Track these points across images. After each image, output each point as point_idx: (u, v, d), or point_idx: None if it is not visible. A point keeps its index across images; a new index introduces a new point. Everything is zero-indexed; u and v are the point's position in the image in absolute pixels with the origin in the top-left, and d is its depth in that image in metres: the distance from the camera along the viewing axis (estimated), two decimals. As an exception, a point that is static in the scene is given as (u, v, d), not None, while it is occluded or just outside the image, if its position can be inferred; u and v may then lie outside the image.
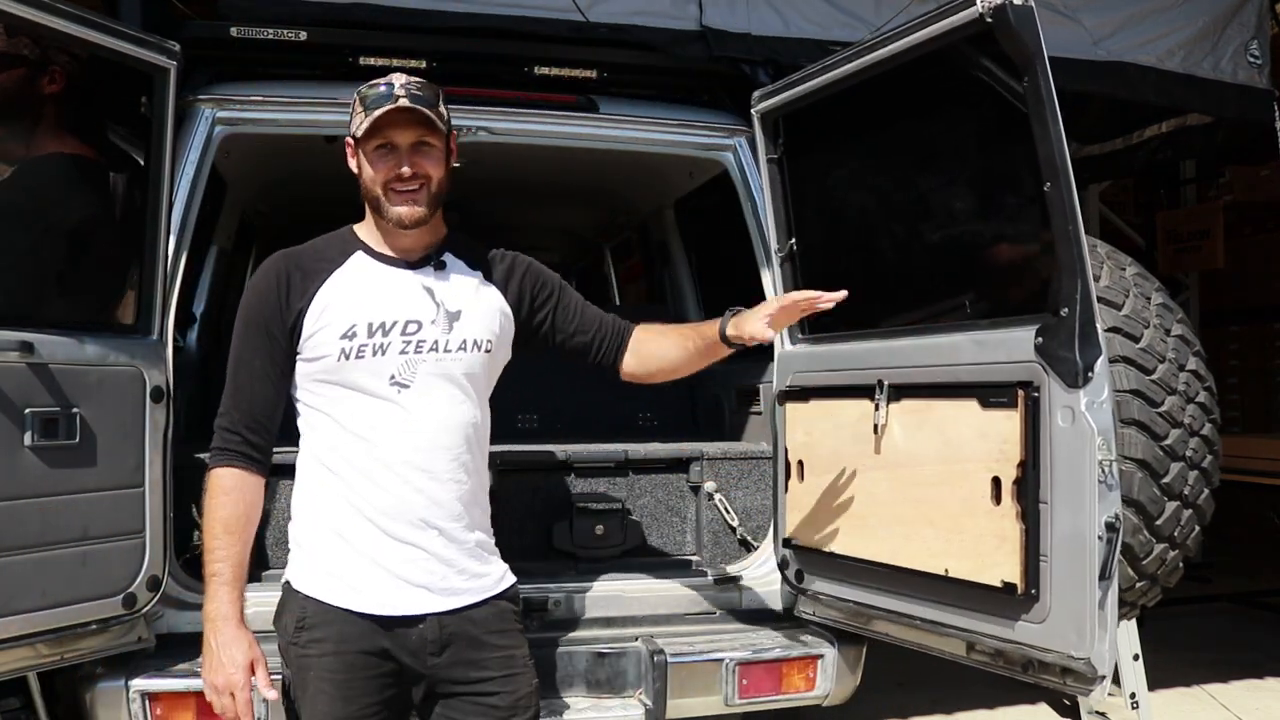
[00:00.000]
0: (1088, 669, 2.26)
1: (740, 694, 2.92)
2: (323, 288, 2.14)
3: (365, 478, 2.10)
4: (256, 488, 2.15)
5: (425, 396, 2.12)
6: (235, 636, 2.06)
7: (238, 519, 2.10)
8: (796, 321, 2.56)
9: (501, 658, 2.17)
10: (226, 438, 2.13)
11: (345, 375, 2.10)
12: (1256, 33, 4.62)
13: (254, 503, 2.15)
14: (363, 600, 2.08)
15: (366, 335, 2.10)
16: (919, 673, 4.90)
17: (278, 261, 2.19)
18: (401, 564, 2.09)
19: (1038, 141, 2.30)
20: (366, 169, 2.14)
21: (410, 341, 2.12)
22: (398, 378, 2.11)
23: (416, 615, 2.10)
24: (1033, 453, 2.34)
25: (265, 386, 2.14)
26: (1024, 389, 2.36)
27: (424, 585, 2.11)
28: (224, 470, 2.12)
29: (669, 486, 3.45)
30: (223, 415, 2.15)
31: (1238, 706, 4.76)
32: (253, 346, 2.14)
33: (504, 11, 3.58)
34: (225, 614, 2.06)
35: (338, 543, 2.11)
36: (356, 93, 2.15)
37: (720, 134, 3.51)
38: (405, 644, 2.10)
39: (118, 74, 2.62)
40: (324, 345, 2.10)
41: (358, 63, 3.31)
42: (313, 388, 2.15)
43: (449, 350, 2.15)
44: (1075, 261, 2.26)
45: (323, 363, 2.11)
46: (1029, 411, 2.35)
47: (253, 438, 2.13)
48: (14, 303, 2.48)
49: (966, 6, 2.36)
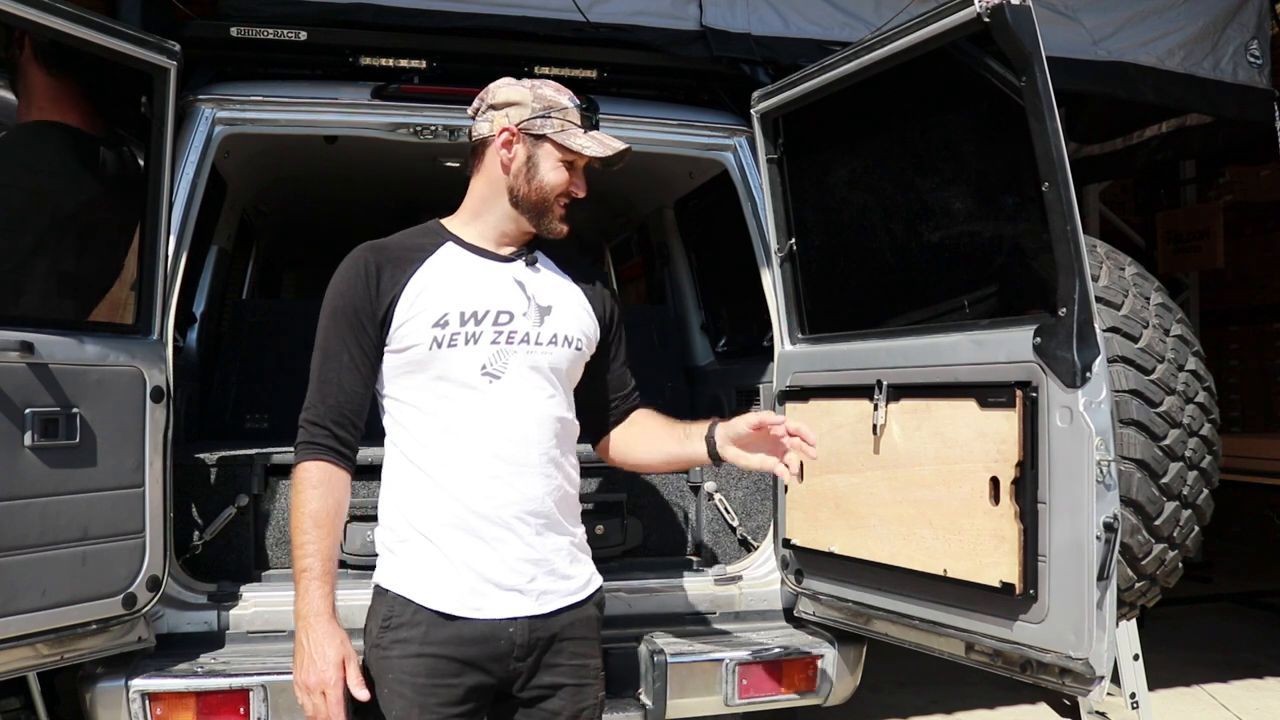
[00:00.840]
0: (1086, 669, 2.26)
1: (740, 694, 2.92)
2: (414, 277, 2.10)
3: (455, 473, 2.06)
4: (344, 484, 2.10)
5: (516, 388, 2.10)
6: (328, 633, 1.99)
7: (327, 513, 2.04)
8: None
9: (576, 666, 2.14)
10: (314, 432, 2.07)
11: (436, 365, 2.07)
12: (1256, 33, 4.61)
13: (342, 499, 2.09)
14: (451, 603, 2.04)
15: (459, 324, 2.07)
16: (919, 673, 4.91)
17: (365, 253, 2.14)
18: (492, 565, 2.05)
19: (1035, 141, 2.30)
20: (543, 172, 2.13)
21: (502, 332, 2.10)
22: (489, 368, 2.08)
23: (506, 619, 2.06)
24: (1031, 453, 2.34)
25: (353, 381, 2.09)
26: (1022, 389, 2.36)
27: (514, 588, 2.07)
28: (312, 464, 2.06)
29: (669, 486, 3.46)
30: (309, 409, 2.09)
31: (1238, 706, 4.77)
32: (341, 339, 2.09)
33: (504, 11, 3.59)
34: (317, 610, 2.00)
35: (426, 545, 2.06)
36: (553, 94, 2.14)
37: (720, 134, 3.52)
38: (493, 650, 2.05)
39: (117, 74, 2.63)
40: (415, 334, 2.06)
41: (358, 63, 3.32)
42: (401, 381, 2.10)
43: (540, 343, 2.13)
44: (1073, 261, 2.26)
45: (413, 352, 2.07)
46: (1027, 412, 2.35)
47: (340, 433, 2.08)
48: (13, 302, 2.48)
49: (964, 6, 2.36)
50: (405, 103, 3.23)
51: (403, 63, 3.33)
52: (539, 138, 2.12)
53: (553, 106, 2.13)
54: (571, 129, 2.13)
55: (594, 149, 2.13)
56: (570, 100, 2.15)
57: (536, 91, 2.14)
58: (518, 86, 2.16)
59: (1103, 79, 4.30)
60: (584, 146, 2.12)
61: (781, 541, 3.08)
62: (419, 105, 3.23)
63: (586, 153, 2.13)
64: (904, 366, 2.70)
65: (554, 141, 2.12)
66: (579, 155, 2.13)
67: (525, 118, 2.12)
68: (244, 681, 2.62)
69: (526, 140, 2.13)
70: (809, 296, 3.19)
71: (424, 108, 3.24)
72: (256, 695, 2.61)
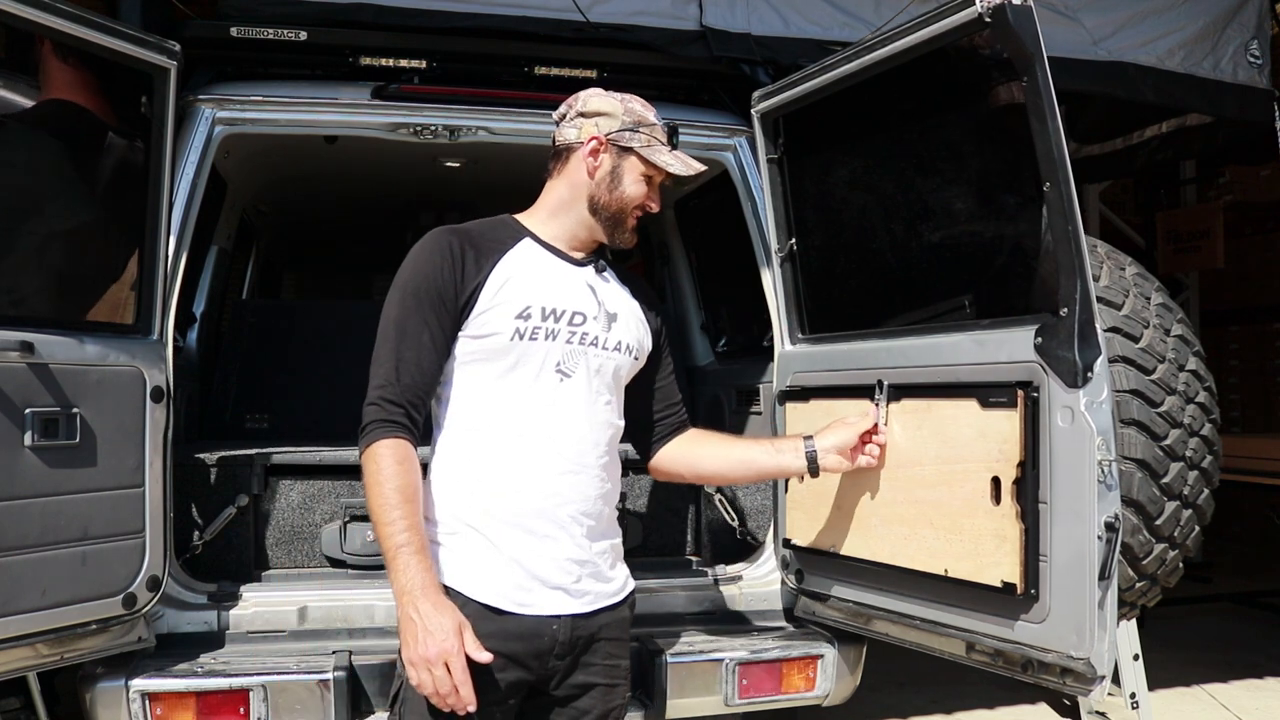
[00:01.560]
0: (1087, 669, 2.26)
1: (740, 694, 2.92)
2: (498, 265, 2.11)
3: (517, 466, 2.06)
4: (419, 464, 2.04)
5: (584, 389, 2.13)
6: (439, 604, 1.92)
7: (413, 488, 2.00)
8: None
9: (609, 666, 2.16)
10: (390, 410, 2.02)
11: (515, 356, 2.07)
12: (1256, 33, 4.62)
13: (420, 477, 2.04)
14: (499, 597, 2.04)
15: (541, 318, 2.09)
16: (919, 673, 4.91)
17: (447, 235, 2.12)
18: (542, 563, 2.06)
19: (1036, 141, 2.30)
20: (625, 183, 2.19)
21: (576, 332, 2.13)
22: (563, 366, 2.10)
23: (551, 616, 2.07)
24: (1032, 453, 2.34)
25: (430, 362, 2.06)
26: (1023, 389, 2.36)
27: (561, 587, 2.08)
28: (393, 440, 2.00)
29: (669, 486, 3.45)
30: (384, 388, 2.03)
31: (1238, 706, 4.77)
32: (422, 318, 2.05)
33: (504, 11, 3.59)
34: (422, 583, 1.93)
35: (476, 539, 2.06)
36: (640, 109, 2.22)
37: (720, 134, 3.52)
38: (536, 647, 2.06)
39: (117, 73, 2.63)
40: (497, 322, 2.06)
41: (358, 63, 3.32)
42: (473, 368, 2.09)
43: (607, 348, 2.17)
44: (1074, 261, 2.26)
45: (492, 340, 2.07)
46: (1028, 412, 2.35)
47: (415, 414, 2.04)
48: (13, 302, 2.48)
49: (965, 6, 2.36)
50: (405, 103, 3.23)
51: (403, 63, 3.33)
52: (625, 150, 2.18)
53: (641, 122, 2.20)
54: (657, 145, 2.20)
55: (677, 167, 2.20)
56: (657, 118, 2.22)
57: (627, 105, 2.21)
58: (609, 98, 2.23)
59: (1103, 79, 4.30)
60: (668, 164, 2.19)
61: (782, 541, 3.08)
62: (419, 105, 3.23)
63: (670, 170, 2.20)
64: (905, 366, 2.70)
65: (640, 155, 2.18)
66: (661, 171, 2.21)
67: (614, 129, 2.18)
68: (244, 681, 2.62)
69: (613, 151, 2.19)
70: (809, 296, 3.19)
71: (424, 108, 3.24)
72: (256, 695, 2.60)
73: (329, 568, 3.12)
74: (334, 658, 2.70)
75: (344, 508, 3.12)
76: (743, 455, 2.45)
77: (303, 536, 3.15)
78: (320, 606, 2.94)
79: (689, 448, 2.43)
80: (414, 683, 1.93)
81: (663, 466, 2.45)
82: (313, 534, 3.15)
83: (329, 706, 2.62)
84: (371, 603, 2.92)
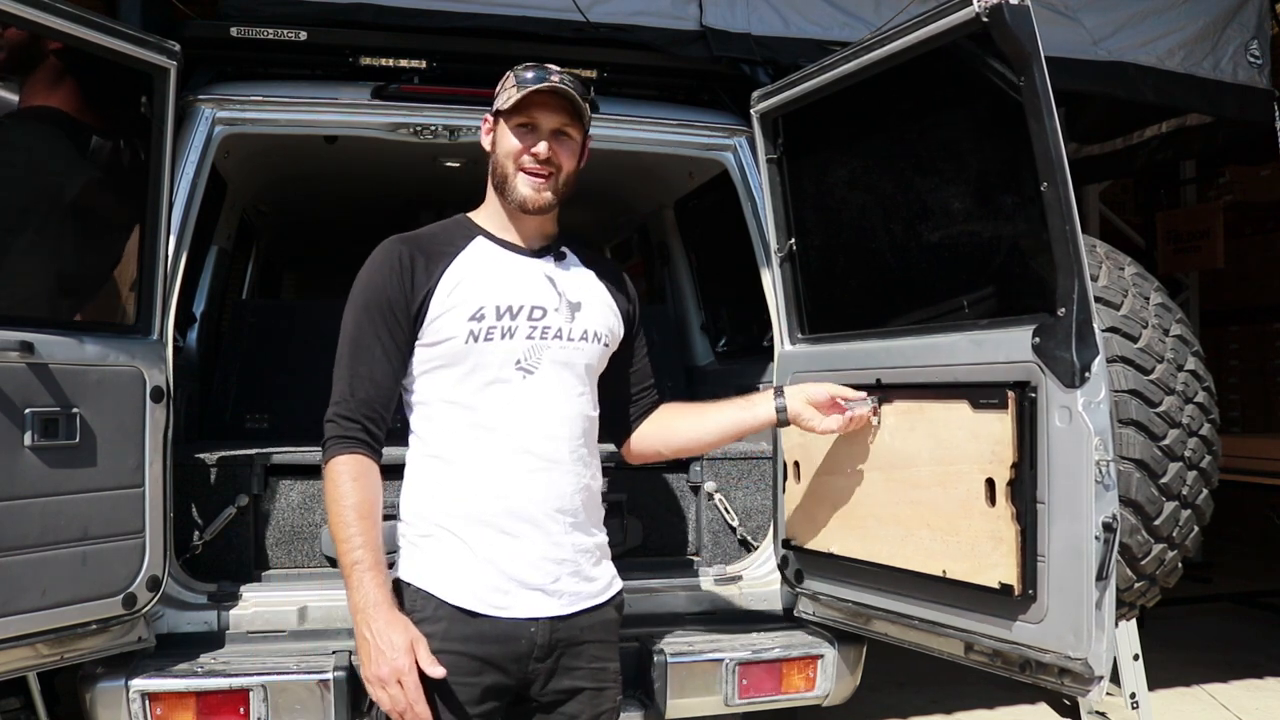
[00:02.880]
0: (1085, 669, 2.26)
1: (740, 694, 2.92)
2: (449, 269, 2.10)
3: (485, 468, 2.05)
4: (379, 477, 2.05)
5: (549, 383, 2.10)
6: (390, 621, 1.93)
7: (370, 504, 2.00)
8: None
9: (595, 670, 2.13)
10: (346, 427, 2.03)
11: (472, 359, 2.06)
12: (1256, 33, 4.62)
13: (379, 491, 2.04)
14: (474, 599, 2.03)
15: (495, 317, 2.07)
16: (919, 673, 4.91)
17: (396, 245, 2.12)
18: (517, 564, 2.05)
19: (1034, 140, 2.30)
20: (503, 143, 2.14)
21: (536, 327, 2.10)
22: (523, 363, 2.08)
23: (528, 619, 2.05)
24: (1030, 453, 2.34)
25: (385, 374, 2.06)
26: (1021, 389, 2.36)
27: (538, 587, 2.06)
28: (348, 457, 2.02)
29: (669, 486, 3.46)
30: (339, 404, 2.05)
31: (1238, 706, 4.77)
32: (374, 332, 2.06)
33: (504, 11, 3.59)
34: (375, 600, 1.94)
35: (450, 540, 2.05)
36: (511, 71, 2.15)
37: (720, 134, 3.52)
38: (513, 650, 2.04)
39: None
40: (451, 327, 2.06)
41: (358, 63, 3.32)
42: (433, 375, 2.09)
43: (572, 339, 2.15)
44: (1072, 261, 2.26)
45: (448, 345, 2.06)
46: (1025, 412, 2.35)
47: (372, 428, 2.05)
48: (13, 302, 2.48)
49: (963, 6, 2.36)
50: (405, 103, 3.23)
51: (403, 63, 3.33)
52: (498, 114, 2.15)
53: (505, 81, 2.15)
54: (507, 91, 2.12)
55: (511, 97, 2.09)
56: (518, 68, 2.14)
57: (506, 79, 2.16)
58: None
59: (1103, 79, 4.30)
60: (505, 101, 2.11)
61: (781, 542, 3.08)
62: (419, 105, 3.23)
63: (507, 105, 2.10)
64: (903, 366, 2.70)
65: (500, 112, 2.14)
66: (517, 115, 2.11)
67: (497, 103, 2.16)
68: (244, 681, 2.62)
69: (494, 124, 2.18)
70: (809, 296, 3.19)
71: (424, 108, 3.24)
72: (256, 695, 2.61)
73: (329, 568, 3.12)
74: (334, 658, 2.71)
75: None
76: (717, 418, 2.42)
77: (303, 536, 3.15)
78: (320, 606, 2.94)
79: (662, 423, 2.42)
80: (374, 699, 1.94)
81: (638, 448, 2.44)
82: (313, 534, 3.15)
83: (329, 706, 2.62)
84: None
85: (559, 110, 2.12)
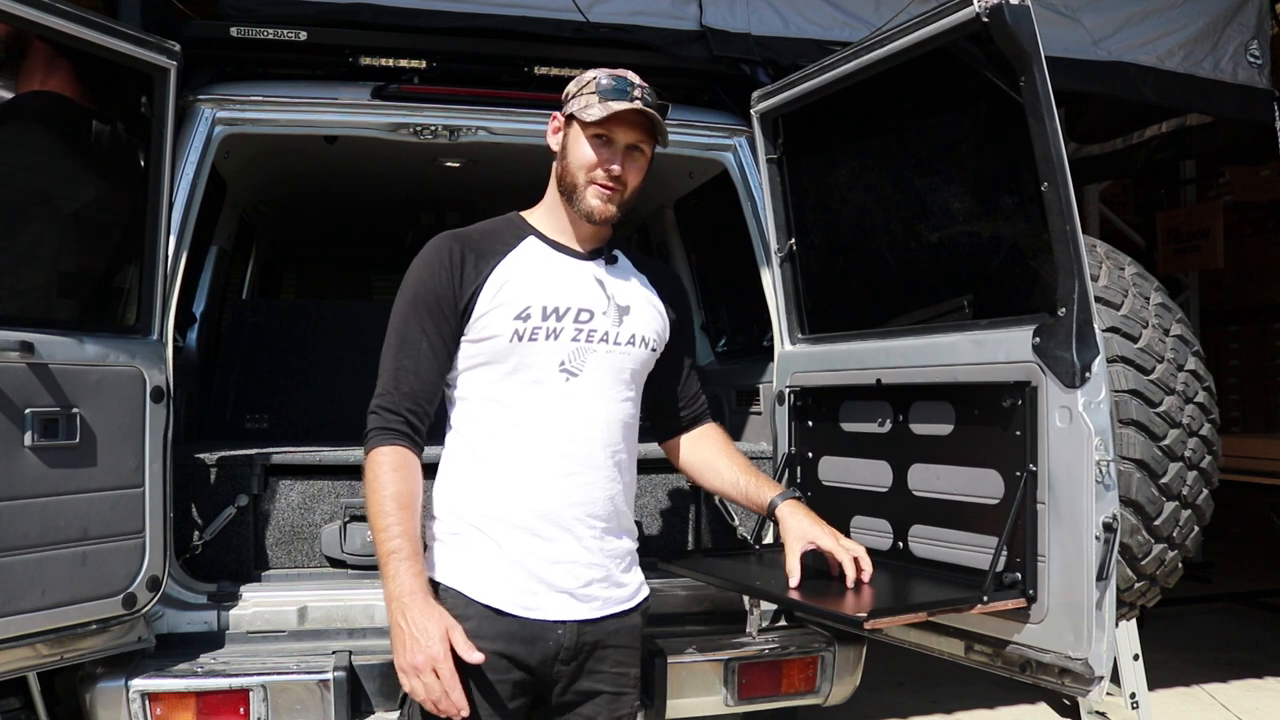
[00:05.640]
0: (1085, 669, 2.26)
1: (740, 694, 2.92)
2: (498, 268, 2.09)
3: (522, 469, 2.05)
4: (419, 470, 2.04)
5: (592, 387, 2.09)
6: (425, 610, 1.91)
7: (409, 495, 1.99)
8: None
9: (616, 674, 2.13)
10: (389, 418, 2.03)
11: (515, 358, 2.05)
12: (1256, 33, 4.62)
13: (419, 483, 2.03)
14: (504, 599, 2.02)
15: (541, 318, 2.06)
16: (919, 673, 4.91)
17: (448, 240, 2.11)
18: (547, 566, 2.04)
19: (1034, 141, 2.30)
20: (576, 152, 2.10)
21: (582, 330, 2.09)
22: (568, 364, 2.07)
23: (556, 621, 2.05)
24: (1030, 453, 2.34)
25: (430, 369, 2.06)
26: (1021, 389, 2.36)
27: (567, 591, 2.06)
28: (390, 448, 2.01)
29: (669, 486, 3.45)
30: (383, 396, 2.05)
31: (1238, 706, 4.77)
32: (420, 326, 2.05)
33: (504, 11, 3.59)
34: (411, 589, 1.92)
35: (481, 540, 2.05)
36: (591, 75, 2.10)
37: (720, 134, 3.52)
38: (540, 650, 2.04)
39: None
40: (496, 325, 2.05)
41: (358, 63, 3.32)
42: (476, 372, 2.08)
43: (619, 343, 2.13)
44: (1072, 261, 2.26)
45: (493, 343, 2.05)
46: (1026, 412, 2.35)
47: (415, 421, 2.04)
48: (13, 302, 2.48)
49: (963, 6, 2.36)
50: (405, 103, 3.23)
51: (403, 63, 3.33)
52: (570, 119, 2.11)
53: (583, 87, 2.10)
54: (588, 100, 2.07)
55: (594, 113, 2.05)
56: (599, 74, 2.11)
57: (582, 78, 2.12)
58: (575, 79, 2.15)
59: (1103, 79, 4.30)
60: (588, 113, 2.06)
61: (781, 541, 3.08)
62: (419, 105, 3.23)
63: (587, 117, 2.06)
64: (903, 366, 2.70)
65: (577, 118, 2.09)
66: (595, 126, 2.07)
67: (574, 106, 2.11)
68: (244, 681, 2.62)
69: (565, 125, 2.14)
70: (809, 296, 3.19)
71: (424, 108, 3.24)
72: (256, 695, 2.61)
73: (329, 568, 3.12)
74: (334, 658, 2.71)
75: (344, 508, 3.12)
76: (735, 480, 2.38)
77: (303, 536, 3.15)
78: (320, 606, 2.93)
79: (696, 455, 2.41)
80: (406, 690, 1.93)
81: (672, 456, 2.45)
82: (313, 534, 3.15)
83: (329, 706, 2.62)
84: (371, 603, 2.92)
85: (637, 127, 2.10)
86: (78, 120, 2.70)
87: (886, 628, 2.37)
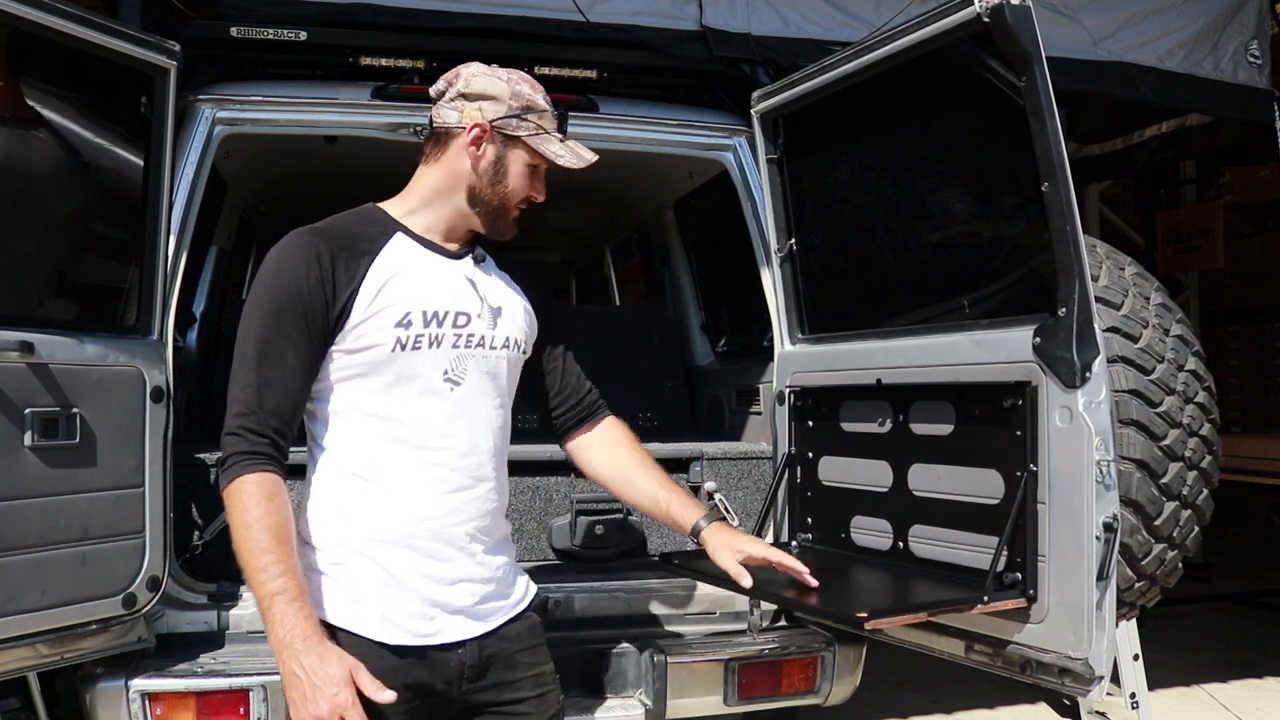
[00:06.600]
0: (1085, 669, 2.26)
1: (740, 694, 2.92)
2: (371, 270, 1.93)
3: (411, 486, 1.93)
4: (288, 497, 1.88)
5: (475, 395, 1.99)
6: (322, 653, 1.78)
7: (285, 526, 1.84)
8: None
9: (534, 676, 2.07)
10: (254, 441, 1.85)
11: (397, 368, 1.91)
12: (1256, 33, 4.62)
13: (291, 512, 1.88)
14: (396, 632, 1.91)
15: (423, 324, 1.93)
16: (919, 673, 4.91)
17: (311, 238, 1.94)
18: (442, 588, 1.95)
19: (1035, 141, 2.30)
20: (511, 176, 2.01)
21: (461, 335, 1.98)
22: (450, 373, 1.96)
23: (455, 643, 1.97)
24: (1030, 453, 2.34)
25: (297, 382, 1.89)
26: (1022, 389, 2.36)
27: (462, 610, 1.97)
28: (259, 474, 1.84)
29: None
30: (245, 415, 1.86)
31: (1238, 706, 4.77)
32: (285, 335, 1.86)
33: (504, 11, 3.59)
34: (304, 632, 1.78)
35: (369, 567, 1.92)
36: (542, 96, 2.03)
37: (720, 134, 3.52)
38: (443, 672, 1.95)
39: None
40: (375, 334, 1.90)
41: (358, 63, 3.32)
42: (352, 384, 1.93)
43: (494, 347, 2.03)
44: (1073, 261, 2.26)
45: (372, 353, 1.90)
46: (1026, 412, 2.35)
47: (281, 442, 1.88)
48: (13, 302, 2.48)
49: (964, 6, 2.36)
50: (405, 103, 3.22)
51: (403, 63, 3.33)
52: (511, 139, 2.00)
53: (530, 107, 2.00)
54: (546, 135, 2.01)
55: (569, 160, 2.01)
56: (546, 102, 2.03)
57: (514, 87, 2.00)
58: (494, 79, 2.01)
59: (1103, 79, 4.30)
60: (558, 155, 2.00)
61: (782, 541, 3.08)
62: (419, 105, 3.22)
63: (560, 163, 2.00)
64: (903, 366, 2.70)
65: (528, 146, 2.00)
66: (550, 163, 2.02)
67: (500, 115, 1.98)
68: (244, 681, 2.62)
69: (498, 140, 2.00)
70: (809, 296, 3.19)
71: (424, 108, 3.19)
72: (256, 695, 2.61)
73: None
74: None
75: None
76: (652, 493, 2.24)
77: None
78: (320, 606, 2.93)
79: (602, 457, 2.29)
80: None
81: (573, 455, 2.33)
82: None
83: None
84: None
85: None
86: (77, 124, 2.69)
87: (887, 628, 2.37)
